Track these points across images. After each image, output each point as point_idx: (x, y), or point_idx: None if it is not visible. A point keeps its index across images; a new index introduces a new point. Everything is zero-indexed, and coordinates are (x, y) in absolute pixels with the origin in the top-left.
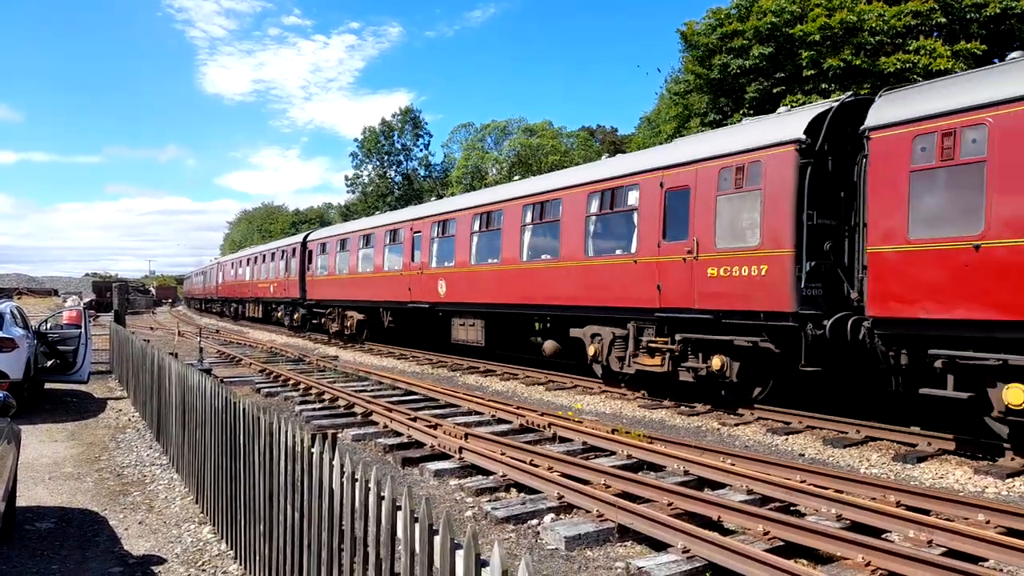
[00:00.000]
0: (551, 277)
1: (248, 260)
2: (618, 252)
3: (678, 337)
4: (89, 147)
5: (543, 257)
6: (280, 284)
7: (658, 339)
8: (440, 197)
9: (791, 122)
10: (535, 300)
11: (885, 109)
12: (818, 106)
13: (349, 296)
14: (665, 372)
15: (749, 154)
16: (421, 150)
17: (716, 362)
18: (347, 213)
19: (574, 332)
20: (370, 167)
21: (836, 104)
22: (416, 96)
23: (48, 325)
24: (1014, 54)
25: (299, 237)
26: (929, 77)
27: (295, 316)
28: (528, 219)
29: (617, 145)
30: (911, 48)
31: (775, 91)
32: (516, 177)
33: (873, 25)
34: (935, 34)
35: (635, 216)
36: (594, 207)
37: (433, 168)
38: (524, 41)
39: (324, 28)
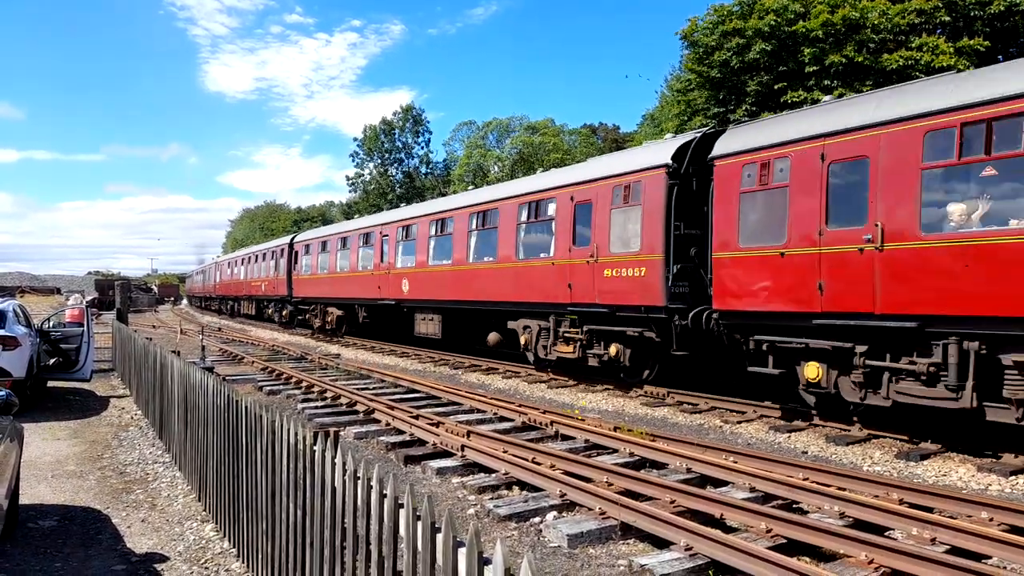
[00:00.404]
0: (492, 276)
1: (242, 260)
2: (541, 255)
3: (586, 328)
4: (91, 145)
5: (486, 259)
6: (270, 283)
7: (571, 330)
8: (443, 195)
9: (663, 149)
10: (480, 297)
11: (725, 141)
12: (685, 136)
13: (329, 294)
14: (576, 358)
15: (633, 175)
16: (422, 148)
17: (612, 349)
18: (349, 211)
19: (511, 324)
20: (371, 165)
21: (699, 135)
22: (418, 94)
23: (51, 323)
24: (826, 98)
25: (286, 239)
26: (931, 74)
27: (284, 312)
28: (474, 225)
29: (619, 143)
30: (914, 45)
31: (776, 87)
32: (519, 174)
33: (876, 22)
34: (938, 31)
35: (553, 225)
36: (523, 216)
37: (435, 166)
38: (526, 38)
39: (326, 26)
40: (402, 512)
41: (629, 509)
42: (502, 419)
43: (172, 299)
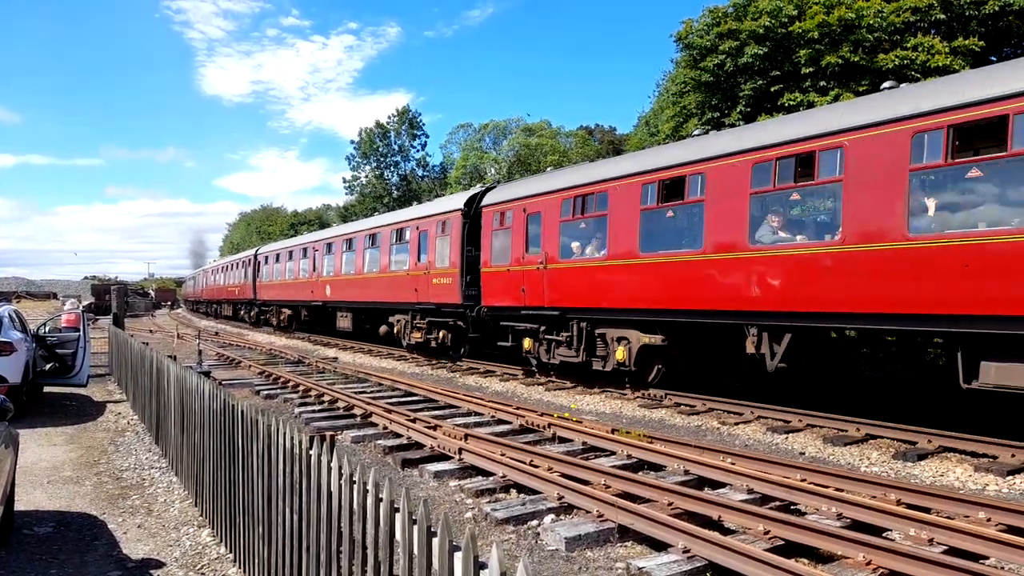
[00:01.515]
0: (378, 284)
1: (222, 268)
2: (402, 268)
3: (427, 320)
4: (88, 149)
5: (375, 271)
6: (241, 288)
7: (421, 322)
8: (440, 197)
9: (461, 199)
10: (373, 299)
11: (488, 196)
12: (473, 190)
13: (282, 297)
14: (423, 341)
15: (447, 214)
16: (418, 151)
17: (440, 334)
18: (345, 214)
19: (390, 319)
20: (368, 169)
21: (481, 190)
22: (415, 96)
23: (47, 328)
24: (548, 169)
25: (252, 251)
26: (927, 74)
27: (252, 313)
28: (368, 245)
29: (616, 144)
30: (909, 45)
31: (772, 89)
32: (516, 175)
33: (871, 22)
34: (933, 31)
35: (408, 247)
36: (393, 239)
37: (432, 169)
38: (522, 40)
39: (322, 29)
40: (398, 516)
41: (627, 511)
42: (500, 422)
43: (169, 303)
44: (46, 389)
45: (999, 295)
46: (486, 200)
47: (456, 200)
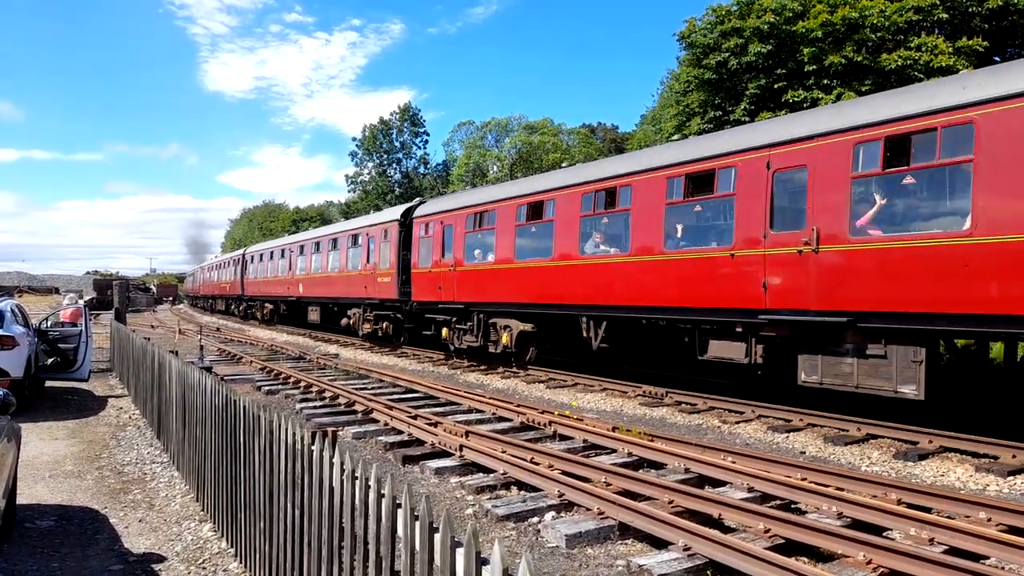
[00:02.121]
0: (337, 281)
1: (216, 266)
2: (354, 268)
3: (374, 313)
4: (91, 145)
5: (334, 270)
6: (231, 285)
7: (370, 315)
8: (441, 194)
9: (398, 211)
10: (334, 295)
11: (418, 209)
12: (409, 204)
13: (265, 293)
14: (373, 331)
15: (387, 224)
16: (420, 148)
17: (384, 325)
18: (348, 211)
19: (348, 312)
20: (370, 165)
21: (414, 204)
22: (418, 94)
23: (48, 323)
24: (470, 190)
25: (241, 252)
26: (931, 74)
27: (240, 307)
28: (328, 248)
29: (618, 143)
30: (912, 44)
31: (776, 87)
32: (519, 173)
33: (875, 21)
34: (936, 30)
35: (360, 250)
36: (348, 244)
37: (436, 167)
38: (525, 38)
39: (326, 25)
40: (400, 512)
41: (627, 509)
42: (500, 419)
43: (171, 299)
44: (48, 383)
45: (714, 294)
46: (416, 213)
47: (396, 212)
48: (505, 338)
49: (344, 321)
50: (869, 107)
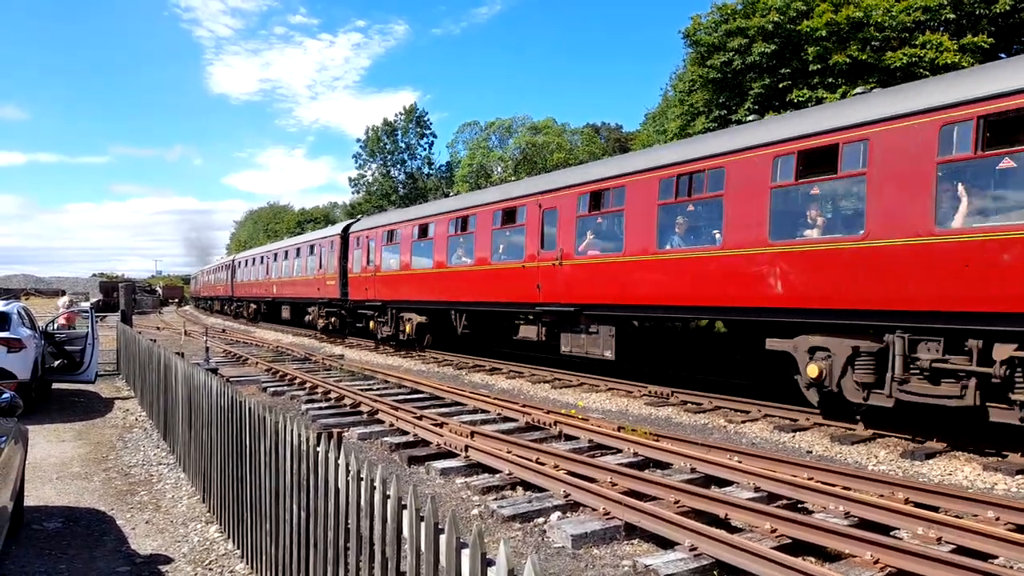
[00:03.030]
0: (301, 284)
1: (212, 270)
2: (313, 273)
3: (326, 310)
4: (97, 147)
5: (299, 275)
6: (224, 287)
7: (322, 312)
8: (446, 195)
9: (341, 227)
10: (299, 296)
11: (353, 226)
12: (350, 221)
13: (249, 294)
14: (328, 324)
15: (331, 237)
16: (425, 149)
17: (334, 320)
18: (352, 212)
19: (308, 310)
20: (374, 167)
21: (353, 221)
22: (422, 94)
23: (55, 325)
24: (388, 212)
25: (231, 257)
26: (936, 72)
27: (231, 307)
28: (292, 256)
29: (622, 142)
30: (918, 43)
31: (781, 86)
32: (523, 174)
33: (880, 20)
34: (942, 28)
35: (312, 258)
36: (304, 252)
37: (440, 168)
38: (529, 37)
39: (330, 27)
40: (405, 513)
41: (633, 509)
42: (506, 419)
43: (177, 300)
44: (55, 386)
45: (518, 293)
46: (352, 228)
47: (339, 227)
48: (408, 328)
49: (306, 317)
50: (582, 173)
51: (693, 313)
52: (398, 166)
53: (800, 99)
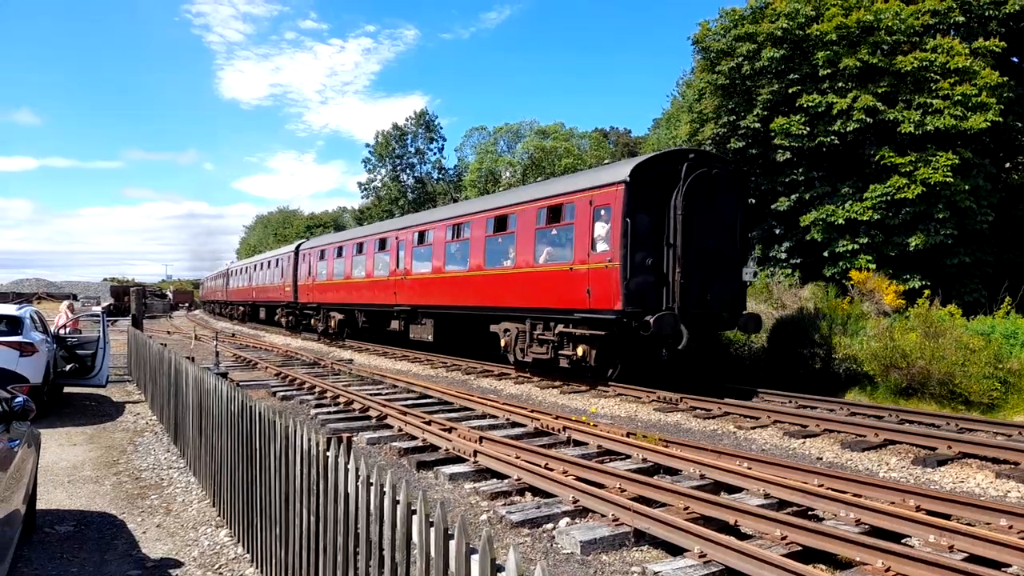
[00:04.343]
0: (270, 289)
1: (214, 277)
2: (277, 281)
3: (287, 311)
4: (108, 152)
5: (267, 283)
6: (223, 292)
7: (285, 312)
8: (455, 200)
9: (293, 245)
10: (262, 299)
11: (303, 245)
12: (300, 241)
13: (238, 299)
14: (287, 322)
15: (288, 252)
16: (434, 153)
17: (291, 318)
18: (361, 217)
19: (276, 310)
20: (384, 171)
21: (305, 239)
22: (431, 99)
23: (67, 330)
24: (324, 236)
25: (226, 267)
26: (947, 75)
27: (226, 310)
28: (258, 269)
29: (631, 147)
30: (928, 47)
31: (791, 91)
32: (531, 178)
33: (890, 24)
34: (952, 32)
35: (277, 269)
36: (265, 266)
37: (447, 172)
38: (538, 42)
39: (340, 31)
40: (415, 518)
41: (642, 516)
42: (514, 424)
43: (187, 305)
44: (66, 389)
45: (387, 299)
46: (301, 247)
47: (292, 246)
48: (332, 323)
49: (276, 316)
50: (412, 219)
51: (464, 311)
52: (407, 171)
53: (810, 104)
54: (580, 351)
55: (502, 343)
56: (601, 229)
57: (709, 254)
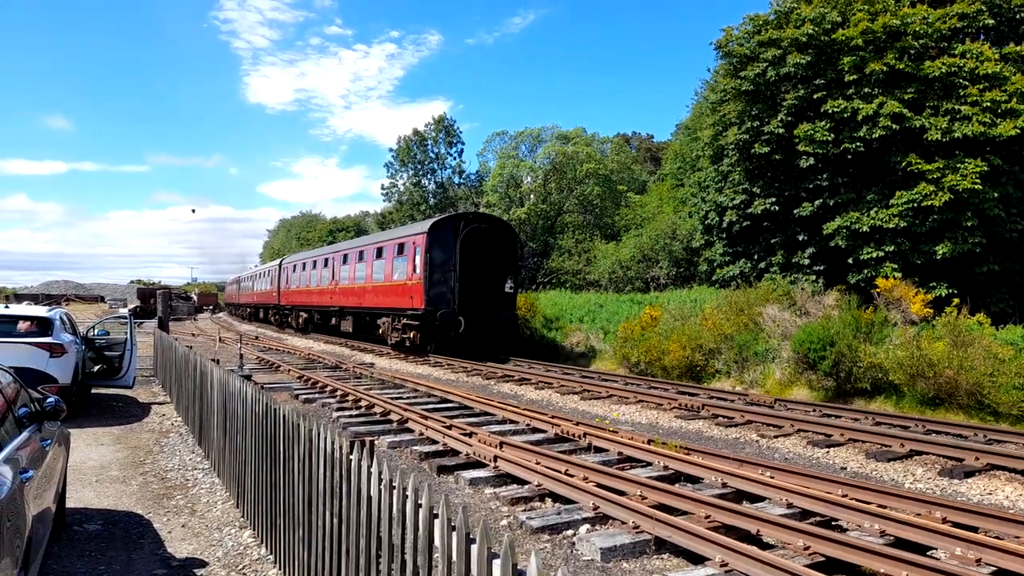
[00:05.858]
0: (262, 295)
1: (232, 282)
2: (264, 288)
3: (273, 312)
4: (137, 157)
5: (259, 289)
6: (236, 296)
7: (272, 312)
8: (476, 205)
9: (277, 261)
10: (261, 302)
11: (284, 260)
12: (282, 257)
13: (247, 302)
14: (273, 321)
15: (273, 266)
16: (455, 158)
17: (277, 318)
18: (383, 221)
19: (265, 311)
20: (405, 176)
21: (285, 258)
22: (453, 105)
23: (95, 331)
24: (300, 252)
25: (237, 276)
26: (975, 81)
27: (236, 311)
28: (259, 276)
29: (653, 152)
30: (957, 52)
31: (815, 97)
32: (552, 183)
33: (917, 28)
34: (982, 36)
35: (258, 281)
36: (263, 274)
37: (468, 177)
38: (562, 47)
39: (365, 37)
40: (437, 522)
41: (663, 523)
42: (535, 430)
43: (211, 307)
44: (94, 390)
45: (344, 301)
46: (284, 262)
47: (277, 261)
48: (300, 321)
49: (268, 316)
50: (344, 245)
51: (365, 310)
52: (428, 176)
53: (835, 110)
54: (412, 335)
55: (380, 331)
56: (417, 259)
57: (476, 276)
